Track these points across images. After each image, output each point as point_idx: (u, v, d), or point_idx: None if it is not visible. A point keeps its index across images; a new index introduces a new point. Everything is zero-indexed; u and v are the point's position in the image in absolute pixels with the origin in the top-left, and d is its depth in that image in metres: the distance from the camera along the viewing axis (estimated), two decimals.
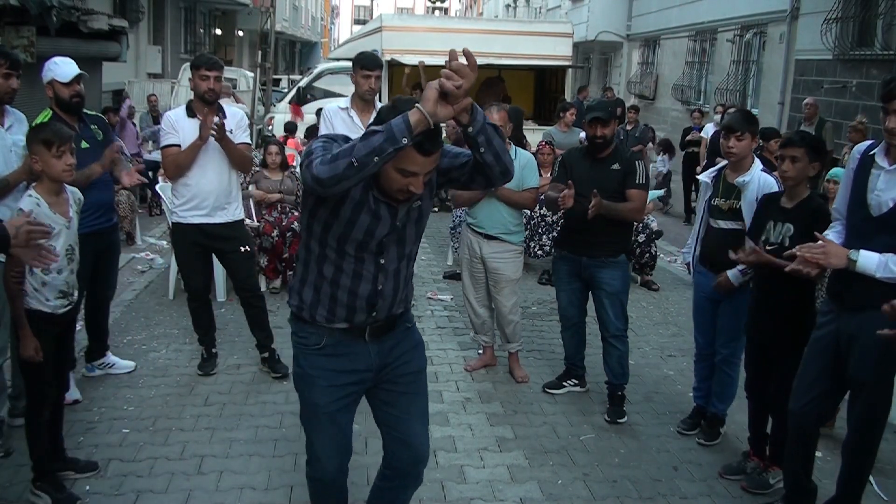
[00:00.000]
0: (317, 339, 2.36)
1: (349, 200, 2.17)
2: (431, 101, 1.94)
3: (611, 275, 4.00)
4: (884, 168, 2.70)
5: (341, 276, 2.28)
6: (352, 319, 2.33)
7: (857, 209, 2.81)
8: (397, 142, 1.93)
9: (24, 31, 7.09)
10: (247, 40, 27.32)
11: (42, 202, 2.93)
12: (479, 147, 2.10)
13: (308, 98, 13.20)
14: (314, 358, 2.38)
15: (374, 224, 2.22)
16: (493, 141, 2.12)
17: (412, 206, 2.28)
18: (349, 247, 2.24)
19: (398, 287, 2.37)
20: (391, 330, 2.43)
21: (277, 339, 4.64)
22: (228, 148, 4.08)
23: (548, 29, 12.90)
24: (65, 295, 3.05)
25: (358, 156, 1.95)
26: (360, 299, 2.30)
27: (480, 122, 2.07)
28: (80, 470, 3.28)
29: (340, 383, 2.39)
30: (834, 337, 2.87)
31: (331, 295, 2.30)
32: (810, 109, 8.75)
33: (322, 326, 2.34)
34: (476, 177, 2.25)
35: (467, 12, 45.13)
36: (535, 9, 28.93)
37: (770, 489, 3.37)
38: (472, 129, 2.06)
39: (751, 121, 3.64)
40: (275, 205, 6.33)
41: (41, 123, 3.19)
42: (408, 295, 2.47)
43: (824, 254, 2.71)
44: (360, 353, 2.39)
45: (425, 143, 2.04)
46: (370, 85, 4.13)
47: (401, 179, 2.11)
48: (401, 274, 2.37)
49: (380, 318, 2.36)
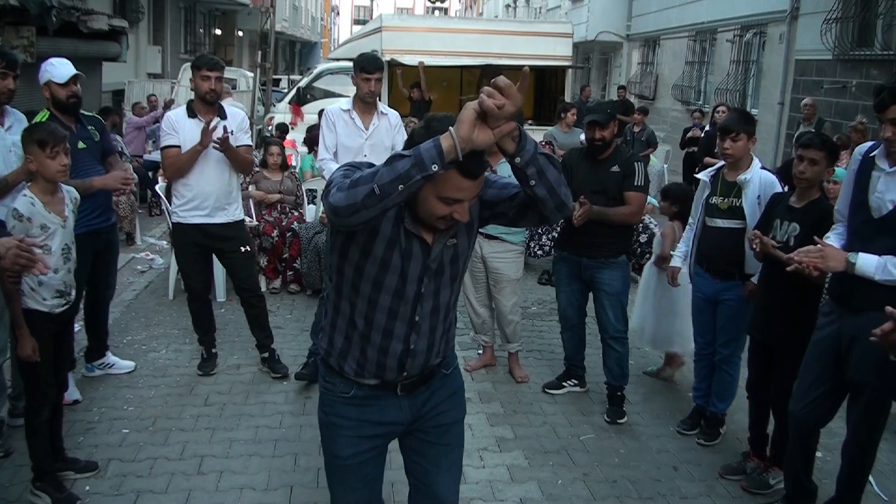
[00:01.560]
0: (345, 388, 2.15)
1: (380, 236, 1.93)
2: (467, 123, 1.67)
3: (611, 276, 4.00)
4: (884, 170, 2.69)
5: (372, 332, 2.05)
6: (381, 376, 2.11)
7: (858, 211, 2.81)
8: (426, 168, 1.68)
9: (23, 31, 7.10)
10: (247, 40, 27.33)
11: (37, 202, 2.93)
12: (530, 180, 1.82)
13: (308, 98, 13.21)
14: (340, 406, 2.16)
15: (406, 265, 1.98)
16: (547, 172, 1.82)
17: (447, 243, 2.01)
18: (383, 299, 2.01)
19: (433, 344, 2.12)
20: (426, 383, 2.19)
21: (277, 339, 4.65)
22: (231, 154, 4.08)
23: (548, 29, 12.90)
24: (62, 294, 3.04)
25: (380, 182, 1.70)
26: (390, 358, 2.08)
27: (531, 152, 1.78)
28: (80, 470, 3.28)
29: (367, 434, 2.16)
30: (835, 338, 2.87)
31: (361, 349, 2.08)
32: (809, 110, 8.76)
33: (350, 379, 2.13)
34: (527, 212, 1.96)
35: (467, 12, 45.15)
36: (535, 9, 28.93)
37: (770, 489, 3.37)
38: (520, 160, 1.79)
39: (747, 121, 3.63)
40: (275, 205, 6.33)
41: (35, 124, 3.19)
42: (446, 346, 2.21)
43: (822, 257, 2.71)
44: (391, 407, 2.16)
45: (470, 164, 1.78)
46: (370, 87, 4.13)
47: (444, 208, 1.86)
48: (436, 331, 2.12)
49: (412, 374, 2.13)
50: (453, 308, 2.18)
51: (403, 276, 1.99)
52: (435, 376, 2.20)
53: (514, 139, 1.76)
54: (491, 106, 1.64)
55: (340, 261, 2.02)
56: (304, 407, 4.07)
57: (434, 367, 2.18)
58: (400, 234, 1.95)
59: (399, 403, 2.16)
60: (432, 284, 2.04)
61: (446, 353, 2.22)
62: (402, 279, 1.99)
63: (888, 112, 2.61)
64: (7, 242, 2.50)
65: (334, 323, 2.13)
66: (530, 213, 1.95)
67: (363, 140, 4.20)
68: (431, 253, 2.00)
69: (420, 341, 2.08)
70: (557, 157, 1.88)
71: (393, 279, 1.98)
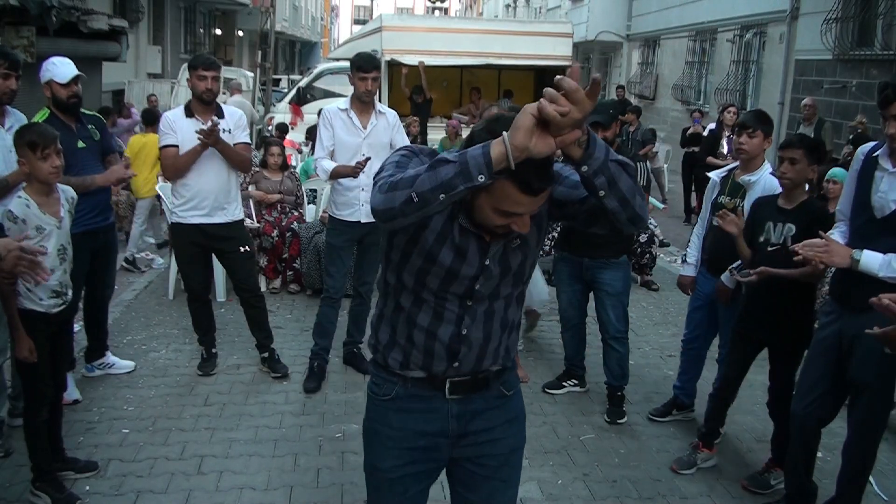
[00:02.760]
0: (387, 389, 1.96)
1: (430, 229, 1.75)
2: (523, 130, 1.45)
3: (612, 276, 4.00)
4: (887, 170, 2.68)
5: (419, 314, 1.86)
6: (429, 367, 1.89)
7: (860, 211, 2.80)
8: (471, 179, 1.49)
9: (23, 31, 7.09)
10: (247, 40, 27.33)
11: (32, 203, 2.92)
12: (598, 190, 1.59)
13: (308, 98, 13.22)
14: (382, 410, 1.98)
15: (459, 262, 1.77)
16: (620, 182, 1.59)
17: (510, 243, 1.81)
18: (430, 283, 1.82)
19: (490, 334, 1.88)
20: (480, 390, 1.94)
21: (277, 339, 4.65)
22: (226, 151, 4.08)
23: (548, 29, 12.91)
24: (58, 294, 3.04)
25: (420, 190, 1.53)
26: (438, 343, 1.86)
27: (600, 160, 1.56)
28: (79, 470, 3.27)
29: (408, 446, 1.95)
30: (836, 338, 2.87)
31: (407, 335, 1.89)
32: (809, 110, 8.76)
33: (395, 373, 1.94)
34: (597, 220, 1.74)
35: (467, 12, 45.15)
36: (535, 9, 28.94)
37: (771, 489, 3.37)
38: (587, 169, 1.56)
39: (765, 120, 3.62)
40: (275, 205, 6.33)
41: (26, 125, 3.17)
42: (508, 348, 1.96)
43: (827, 252, 2.69)
44: (436, 412, 1.93)
45: (530, 179, 1.57)
46: (367, 87, 4.12)
47: (501, 219, 1.66)
48: (495, 317, 1.88)
49: (464, 370, 1.90)
50: (518, 301, 1.94)
51: (453, 273, 1.79)
52: (491, 387, 1.96)
53: (580, 145, 1.53)
54: (552, 113, 1.42)
55: (389, 247, 1.86)
56: (304, 407, 4.07)
57: (490, 373, 1.95)
58: (453, 229, 1.76)
59: (447, 410, 1.93)
60: (489, 283, 1.83)
61: (506, 363, 1.98)
62: (451, 274, 1.79)
63: (892, 108, 2.60)
64: (9, 244, 2.50)
65: (382, 314, 1.96)
66: (601, 221, 1.72)
67: (361, 139, 4.20)
68: (490, 251, 1.79)
69: (475, 327, 1.86)
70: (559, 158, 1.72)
71: (440, 270, 1.79)
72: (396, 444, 1.96)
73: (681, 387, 4.07)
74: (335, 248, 4.35)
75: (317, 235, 5.92)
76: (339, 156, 4.18)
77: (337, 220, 4.31)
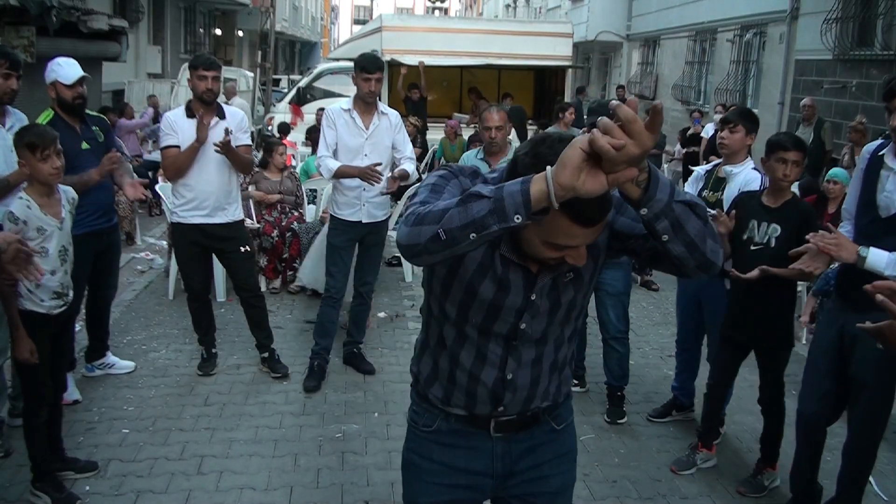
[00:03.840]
0: (428, 420, 1.82)
1: (470, 258, 1.59)
2: (570, 167, 1.25)
3: (613, 276, 4.00)
4: (893, 169, 2.68)
5: (461, 352, 1.71)
6: (471, 408, 1.76)
7: (865, 210, 2.79)
8: (507, 219, 1.31)
9: (23, 31, 7.08)
10: (247, 40, 27.32)
11: (33, 204, 2.92)
12: (661, 235, 1.38)
13: (308, 98, 13.21)
14: (423, 442, 1.84)
15: (501, 296, 1.62)
16: (686, 224, 1.38)
17: (562, 277, 1.63)
18: (473, 317, 1.66)
19: (539, 377, 1.73)
20: (528, 429, 1.80)
21: (277, 339, 4.65)
22: (232, 156, 4.08)
23: (548, 29, 12.91)
24: (59, 296, 3.03)
25: (448, 227, 1.36)
26: (481, 387, 1.71)
27: (662, 202, 1.34)
28: (79, 470, 3.27)
29: (449, 483, 1.82)
30: (838, 336, 2.88)
31: (449, 373, 1.74)
32: (808, 111, 8.76)
33: (436, 407, 1.80)
34: (661, 262, 1.56)
35: (467, 12, 45.16)
36: (535, 9, 28.95)
37: (765, 491, 3.37)
38: (647, 212, 1.35)
39: (748, 117, 3.64)
40: (275, 205, 6.33)
41: (25, 127, 3.16)
42: (561, 384, 1.80)
43: (837, 245, 2.66)
44: (480, 450, 1.79)
45: (586, 209, 1.39)
46: (370, 87, 4.13)
47: (552, 252, 1.48)
48: (544, 360, 1.72)
49: (510, 413, 1.76)
50: (571, 340, 1.77)
51: (495, 308, 1.63)
52: (540, 424, 1.80)
53: (638, 185, 1.32)
54: (605, 147, 1.22)
55: (430, 274, 1.72)
56: (304, 407, 4.07)
57: (540, 411, 1.78)
58: (494, 260, 1.59)
59: (491, 449, 1.79)
60: (536, 323, 1.66)
61: (558, 399, 1.81)
62: (494, 309, 1.63)
63: None
64: (8, 237, 2.50)
65: (425, 343, 1.83)
66: (666, 263, 1.52)
67: (363, 140, 4.20)
68: (537, 285, 1.62)
69: (521, 372, 1.70)
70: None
71: (482, 305, 1.63)
72: (437, 480, 1.83)
73: (679, 387, 4.08)
74: (336, 248, 4.35)
75: (317, 236, 5.92)
76: (342, 156, 4.19)
77: (338, 220, 4.31)
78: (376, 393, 4.25)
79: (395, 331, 5.35)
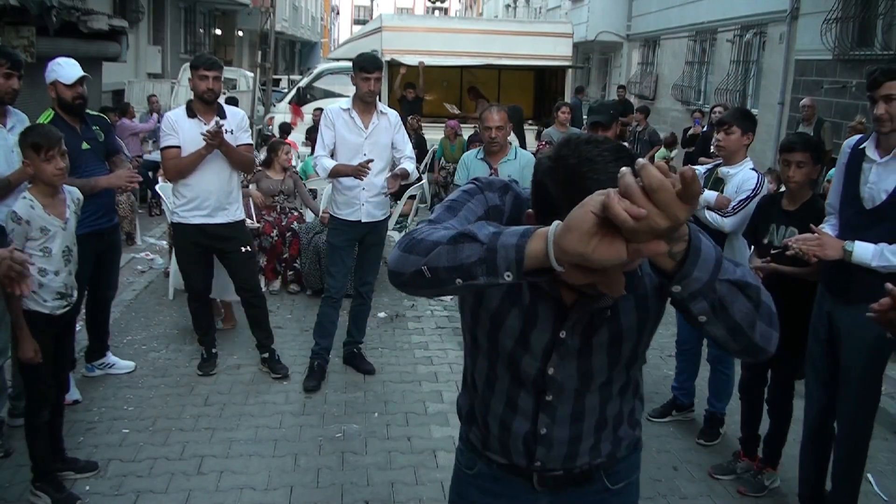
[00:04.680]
0: (470, 461, 1.67)
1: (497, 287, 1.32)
2: (577, 232, 1.02)
3: None
4: (875, 161, 2.71)
5: (492, 398, 1.54)
6: (509, 458, 1.58)
7: (849, 203, 2.82)
8: (496, 273, 1.13)
9: (23, 31, 7.08)
10: (247, 40, 27.32)
11: (36, 204, 2.92)
12: (698, 316, 1.16)
13: (308, 98, 13.21)
14: (465, 485, 1.70)
15: (528, 329, 1.42)
16: (732, 309, 1.17)
17: (600, 313, 1.40)
18: (501, 350, 1.48)
19: (580, 436, 1.52)
20: (578, 486, 1.58)
21: (277, 339, 4.65)
22: (229, 153, 4.08)
23: (548, 29, 12.91)
24: (63, 296, 3.03)
25: (434, 265, 1.20)
26: (514, 438, 1.54)
27: (702, 281, 1.11)
28: (79, 470, 3.28)
29: None
30: (826, 327, 2.91)
31: (483, 417, 1.58)
32: (808, 111, 8.76)
33: (476, 450, 1.64)
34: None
35: (467, 12, 45.15)
36: (535, 9, 28.94)
37: (765, 491, 3.37)
38: (681, 290, 1.12)
39: (744, 117, 3.64)
40: (274, 205, 6.33)
41: (30, 127, 3.17)
42: (612, 444, 1.57)
43: (820, 245, 2.71)
44: (523, 502, 1.62)
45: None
46: (370, 87, 4.13)
47: (582, 276, 1.10)
48: (586, 419, 1.50)
49: (550, 468, 1.55)
50: (621, 393, 1.53)
51: (522, 342, 1.44)
52: (593, 483, 1.58)
53: (672, 257, 1.09)
54: (622, 217, 0.96)
55: (462, 301, 1.55)
56: (304, 407, 4.07)
57: (592, 468, 1.57)
58: (522, 287, 1.39)
59: (535, 501, 1.60)
60: (566, 368, 1.44)
61: (615, 455, 1.58)
62: (521, 345, 1.44)
63: (881, 89, 2.62)
64: (2, 253, 2.48)
65: (465, 374, 1.66)
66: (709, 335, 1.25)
67: (363, 139, 4.21)
68: (567, 321, 1.40)
69: (558, 428, 1.50)
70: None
71: (508, 339, 1.45)
72: None
73: (679, 387, 4.09)
74: (336, 248, 4.36)
75: (317, 236, 5.92)
76: (341, 155, 4.20)
77: (338, 220, 4.32)
78: (376, 393, 4.26)
79: (395, 331, 5.35)
